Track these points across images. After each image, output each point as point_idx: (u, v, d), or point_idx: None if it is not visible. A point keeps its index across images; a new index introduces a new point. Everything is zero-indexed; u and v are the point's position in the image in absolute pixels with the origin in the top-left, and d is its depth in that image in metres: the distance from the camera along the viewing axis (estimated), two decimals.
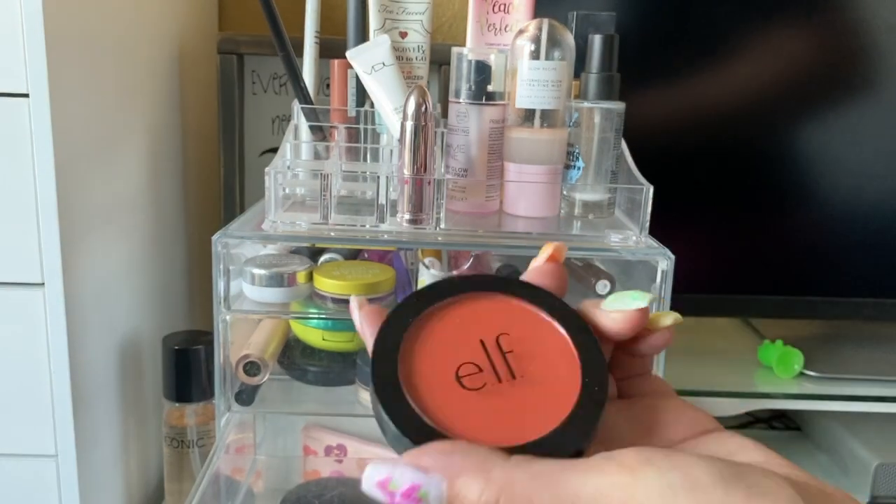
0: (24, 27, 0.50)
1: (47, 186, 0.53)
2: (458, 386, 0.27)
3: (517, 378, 0.27)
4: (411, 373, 0.27)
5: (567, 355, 0.28)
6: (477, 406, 0.26)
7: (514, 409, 0.27)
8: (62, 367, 0.56)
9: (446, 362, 0.28)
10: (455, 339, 0.28)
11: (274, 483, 0.73)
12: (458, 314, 0.29)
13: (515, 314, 0.29)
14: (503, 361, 0.28)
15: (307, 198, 0.66)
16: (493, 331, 0.29)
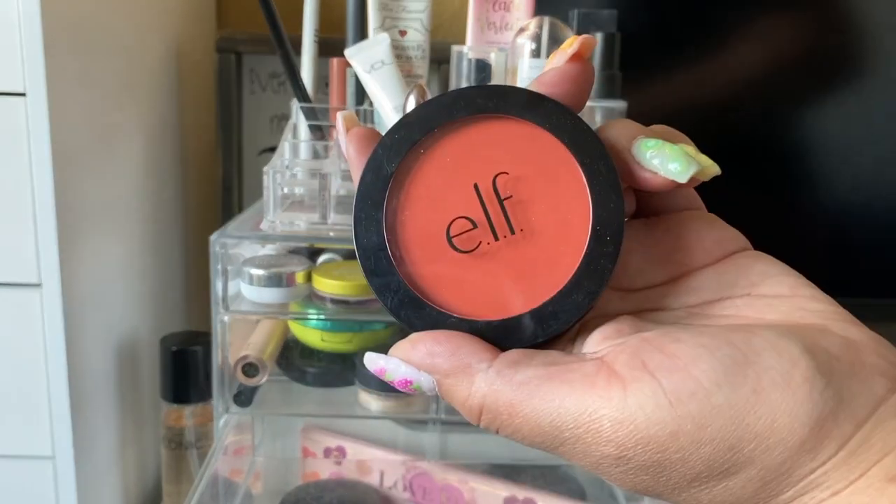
0: (20, 26, 0.50)
1: (44, 186, 0.53)
2: (450, 248, 0.24)
3: (516, 233, 0.24)
4: (398, 236, 0.25)
5: (577, 192, 0.24)
6: (470, 271, 0.24)
7: (511, 274, 0.24)
8: (59, 367, 0.56)
9: (436, 218, 0.25)
10: (446, 186, 0.25)
11: (272, 485, 0.73)
12: (450, 151, 0.25)
13: (519, 141, 0.25)
14: (500, 211, 0.24)
15: (306, 197, 0.66)
16: (490, 170, 0.24)
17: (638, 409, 0.21)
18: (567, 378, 0.22)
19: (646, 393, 0.21)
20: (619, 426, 0.21)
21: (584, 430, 0.22)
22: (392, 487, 0.71)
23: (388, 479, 0.71)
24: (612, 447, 0.22)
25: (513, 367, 0.23)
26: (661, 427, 0.21)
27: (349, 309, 0.61)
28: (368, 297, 0.61)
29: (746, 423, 0.21)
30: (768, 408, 0.21)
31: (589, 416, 0.22)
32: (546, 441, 0.23)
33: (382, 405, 0.63)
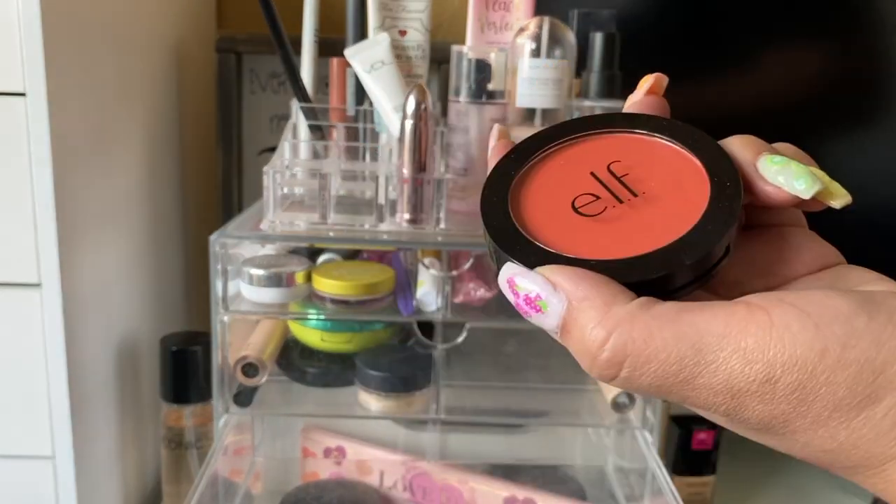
0: (21, 26, 0.50)
1: (44, 186, 0.53)
2: (578, 215, 0.25)
3: (638, 196, 0.25)
4: (524, 217, 0.26)
5: (688, 166, 0.26)
6: (600, 231, 0.25)
7: (641, 226, 0.25)
8: (59, 368, 0.56)
9: (560, 199, 0.26)
10: (564, 179, 0.27)
11: (272, 485, 0.73)
12: (562, 158, 0.27)
13: (623, 144, 0.27)
14: (620, 185, 0.26)
15: (306, 197, 0.66)
16: (602, 162, 0.27)
17: (784, 328, 0.21)
18: (708, 308, 0.22)
19: (791, 315, 0.22)
20: (767, 344, 0.21)
21: (731, 349, 0.21)
22: (392, 487, 0.71)
23: (388, 479, 0.71)
24: (759, 366, 0.21)
25: (652, 302, 0.23)
26: (807, 346, 0.21)
27: (349, 309, 0.61)
28: (368, 297, 0.61)
29: (890, 345, 0.21)
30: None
31: (735, 335, 0.22)
32: (683, 370, 0.22)
33: (382, 405, 0.63)
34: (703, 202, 0.25)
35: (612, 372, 0.23)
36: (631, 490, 0.70)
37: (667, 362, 0.22)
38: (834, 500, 0.81)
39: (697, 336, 0.22)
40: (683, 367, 0.22)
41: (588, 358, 0.23)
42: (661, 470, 0.61)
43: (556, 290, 0.23)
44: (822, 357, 0.21)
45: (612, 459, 0.75)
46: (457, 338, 0.64)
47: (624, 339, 0.22)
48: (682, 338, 0.22)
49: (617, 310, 0.23)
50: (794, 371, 0.21)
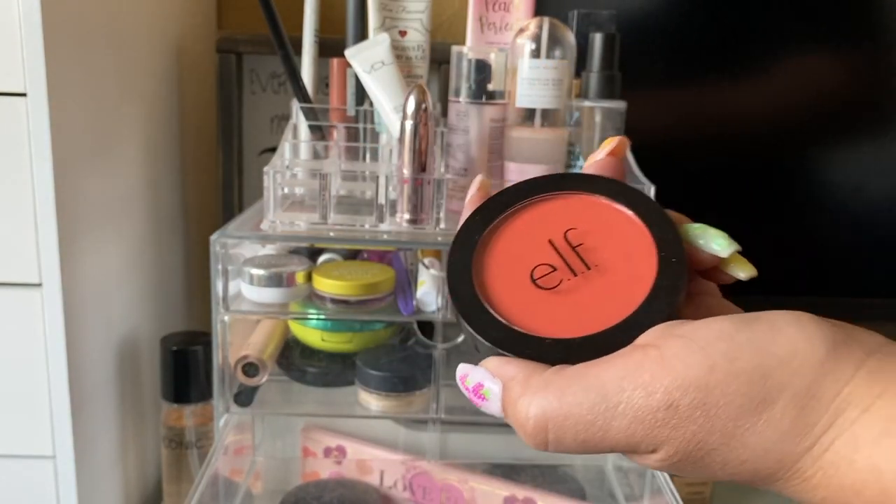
0: (21, 26, 0.50)
1: (45, 186, 0.53)
2: (535, 287, 0.28)
3: (591, 268, 0.28)
4: (487, 285, 0.28)
5: (638, 233, 0.28)
6: (555, 304, 0.27)
7: (592, 301, 0.27)
8: (60, 367, 0.56)
9: (520, 268, 0.28)
10: (524, 245, 0.29)
11: (273, 484, 0.73)
12: (523, 221, 0.30)
13: (580, 207, 0.29)
14: (575, 255, 0.28)
15: (306, 197, 0.66)
16: (560, 229, 0.29)
17: (674, 357, 0.24)
18: (610, 358, 0.25)
19: (679, 345, 0.24)
20: (662, 373, 0.24)
21: (632, 388, 0.24)
22: (392, 487, 0.71)
23: (388, 478, 0.71)
24: (659, 395, 0.24)
25: (564, 367, 0.26)
26: (697, 366, 0.23)
27: (349, 309, 0.61)
28: (368, 297, 0.61)
29: (771, 351, 0.23)
30: (786, 338, 0.24)
31: (632, 373, 0.24)
32: (598, 419, 0.24)
33: (382, 405, 0.63)
34: (651, 278, 0.27)
35: (542, 437, 0.26)
36: (630, 489, 0.70)
37: (580, 416, 0.25)
38: None
39: (600, 384, 0.24)
40: (597, 416, 0.24)
41: (521, 431, 0.26)
42: None
43: (493, 377, 0.27)
44: (712, 372, 0.23)
45: (611, 459, 0.75)
46: (457, 338, 0.64)
47: (542, 404, 0.25)
48: (589, 389, 0.25)
49: (534, 381, 0.26)
50: (691, 391, 0.23)
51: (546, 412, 0.25)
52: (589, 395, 0.24)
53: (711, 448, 0.24)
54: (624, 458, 0.72)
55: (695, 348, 0.24)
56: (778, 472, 0.24)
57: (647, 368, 0.24)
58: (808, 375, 0.23)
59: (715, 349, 0.24)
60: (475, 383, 0.28)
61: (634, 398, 0.24)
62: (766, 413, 0.23)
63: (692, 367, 0.23)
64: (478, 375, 0.28)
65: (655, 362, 0.24)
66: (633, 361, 0.24)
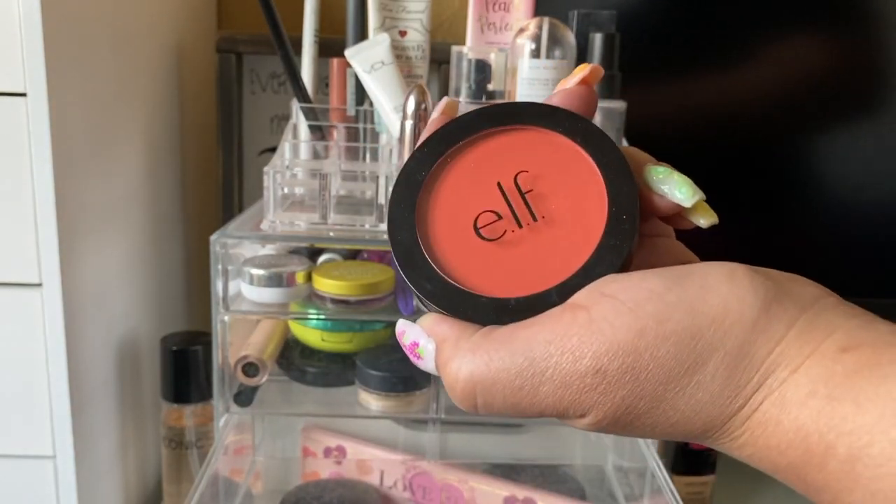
0: (21, 26, 0.50)
1: (45, 186, 0.53)
2: (478, 238, 0.26)
3: (538, 220, 0.26)
4: (429, 232, 0.27)
5: (593, 183, 0.26)
6: (496, 257, 0.26)
7: (536, 257, 0.26)
8: (60, 367, 0.56)
9: (464, 213, 0.27)
10: (471, 187, 0.27)
11: (273, 484, 0.73)
12: (473, 157, 0.27)
13: (535, 145, 0.27)
14: (523, 203, 0.26)
15: (306, 197, 0.66)
16: (511, 170, 0.27)
17: (602, 320, 0.23)
18: (538, 320, 0.25)
19: (607, 307, 0.23)
20: (590, 338, 0.23)
21: (560, 352, 0.23)
22: (392, 487, 0.71)
23: (388, 478, 0.71)
24: (587, 360, 0.23)
25: (492, 329, 0.25)
26: (626, 330, 0.23)
27: (349, 309, 0.61)
28: (368, 297, 0.61)
29: (702, 311, 0.23)
30: (718, 297, 0.23)
31: (560, 338, 0.24)
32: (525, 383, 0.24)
33: (382, 405, 0.63)
34: (598, 236, 0.25)
35: (471, 401, 0.25)
36: (630, 489, 0.70)
37: (507, 380, 0.24)
38: None
39: (528, 348, 0.24)
40: (525, 381, 0.24)
41: (451, 392, 0.26)
42: (661, 469, 0.61)
43: (428, 336, 0.27)
44: (642, 336, 0.23)
45: (611, 459, 0.75)
46: None
47: (470, 367, 0.25)
48: (516, 353, 0.24)
49: (463, 343, 0.25)
50: (619, 356, 0.23)
51: (474, 376, 0.25)
52: (516, 359, 0.24)
53: (640, 412, 0.23)
54: (624, 458, 0.72)
55: (624, 310, 0.23)
56: (707, 432, 0.24)
57: (575, 332, 0.23)
58: (740, 335, 0.23)
59: (644, 311, 0.23)
60: (411, 341, 0.27)
61: (562, 363, 0.23)
62: (697, 375, 0.23)
63: (620, 329, 0.23)
64: (414, 333, 0.27)
65: (583, 326, 0.23)
66: (562, 325, 0.24)
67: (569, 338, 0.23)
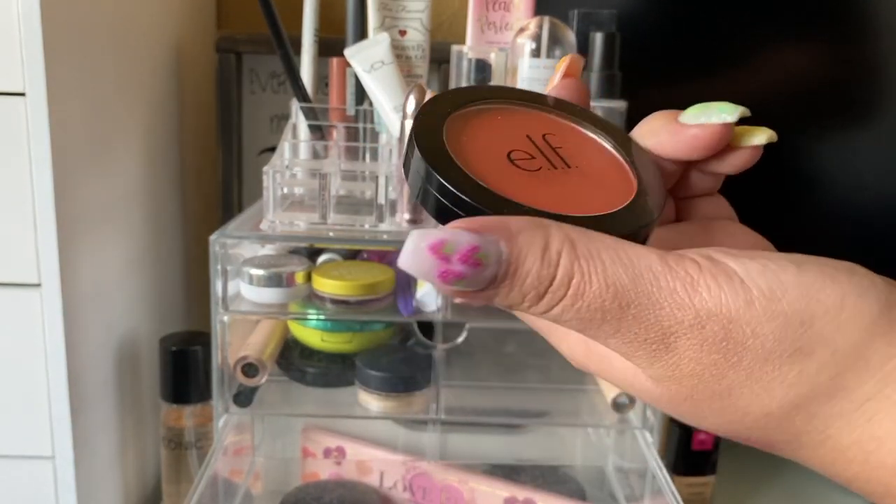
0: (20, 25, 0.50)
1: (44, 186, 0.53)
2: (512, 166, 0.24)
3: (572, 167, 0.25)
4: (460, 150, 0.24)
5: (618, 165, 0.26)
6: (533, 185, 0.24)
7: (573, 192, 0.24)
8: (59, 368, 0.56)
9: (496, 147, 0.25)
10: (500, 132, 0.26)
11: (272, 485, 0.73)
12: (498, 114, 0.27)
13: (555, 125, 0.27)
14: (554, 153, 0.25)
15: (306, 197, 0.66)
16: (538, 129, 0.26)
17: (711, 278, 0.21)
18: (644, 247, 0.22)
19: (718, 268, 0.21)
20: (694, 291, 0.21)
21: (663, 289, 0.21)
22: (392, 488, 0.71)
23: (387, 479, 0.71)
24: (687, 311, 0.21)
25: (589, 230, 0.22)
26: (733, 297, 0.21)
27: (349, 309, 0.61)
28: (368, 297, 0.61)
29: (817, 298, 0.21)
30: (837, 287, 0.21)
31: (667, 276, 0.21)
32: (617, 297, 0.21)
33: (382, 406, 0.63)
34: (632, 191, 0.25)
35: (560, 294, 0.21)
36: (631, 490, 0.70)
37: (604, 287, 0.21)
38: (833, 500, 0.81)
39: (633, 267, 0.21)
40: (617, 295, 0.21)
41: (544, 285, 0.21)
42: (661, 470, 0.61)
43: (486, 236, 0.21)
44: (748, 308, 0.21)
45: (612, 459, 0.75)
46: (457, 338, 0.64)
47: (571, 258, 0.21)
48: (619, 264, 0.21)
49: (556, 231, 0.21)
50: (720, 319, 0.21)
51: (572, 268, 0.21)
52: (617, 269, 0.21)
53: (732, 385, 0.21)
54: (624, 458, 0.72)
55: (735, 277, 0.21)
56: (805, 436, 0.21)
57: (682, 278, 0.21)
58: (855, 333, 0.21)
59: (755, 283, 0.21)
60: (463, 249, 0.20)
61: (662, 300, 0.21)
62: (800, 364, 0.21)
63: (727, 294, 0.21)
64: (463, 237, 0.20)
65: (692, 276, 0.21)
66: (672, 261, 0.21)
67: (675, 279, 0.21)
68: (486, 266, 0.20)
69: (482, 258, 0.20)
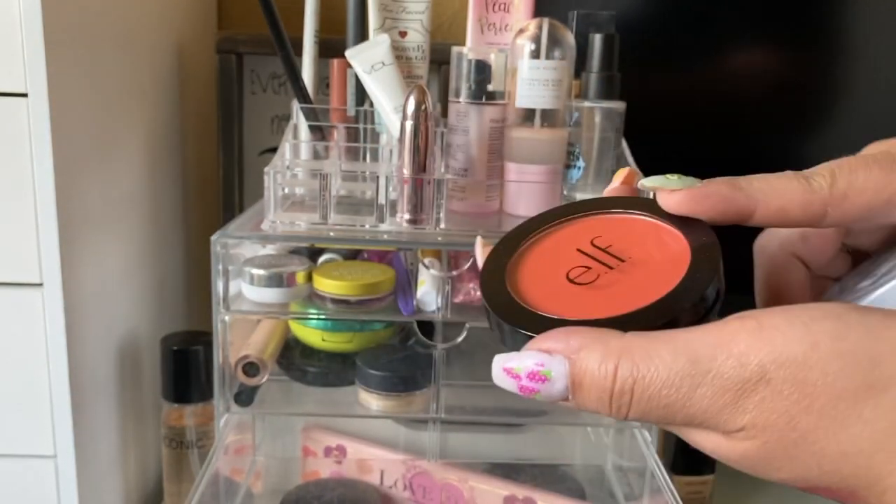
0: (22, 26, 0.50)
1: (46, 186, 0.53)
2: (573, 285, 0.27)
3: (626, 261, 0.27)
4: (523, 292, 0.27)
5: (666, 234, 0.28)
6: (594, 297, 0.26)
7: (634, 287, 0.26)
8: (61, 367, 0.56)
9: (554, 274, 0.28)
10: (554, 260, 0.28)
11: (273, 484, 0.73)
12: (547, 244, 0.29)
13: (599, 224, 0.29)
14: (606, 254, 0.28)
15: (306, 198, 0.66)
16: (586, 238, 0.29)
17: (773, 329, 0.22)
18: (701, 326, 0.23)
19: (780, 317, 0.22)
20: (758, 344, 0.21)
21: (725, 356, 0.22)
22: (392, 487, 0.71)
23: (388, 478, 0.71)
24: (753, 367, 0.21)
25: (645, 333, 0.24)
26: (798, 341, 0.21)
27: (349, 309, 0.61)
28: (369, 297, 0.61)
29: (884, 336, 0.21)
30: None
31: (727, 343, 0.22)
32: (684, 384, 0.22)
33: (382, 405, 0.63)
34: (686, 258, 0.26)
35: (626, 400, 0.23)
36: (630, 489, 0.70)
37: (668, 379, 0.22)
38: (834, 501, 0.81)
39: (692, 350, 0.22)
40: (683, 381, 0.22)
41: (605, 396, 0.23)
42: (661, 469, 0.62)
43: (552, 355, 0.24)
44: (814, 349, 0.21)
45: (611, 458, 0.75)
46: (457, 338, 0.64)
47: (629, 365, 0.23)
48: (679, 353, 0.22)
49: (615, 343, 0.23)
50: (787, 366, 0.21)
51: (633, 373, 0.22)
52: (678, 359, 0.22)
53: (806, 430, 0.21)
54: (623, 457, 0.72)
55: (797, 323, 0.21)
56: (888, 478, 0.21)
57: (743, 339, 0.22)
58: None
59: (820, 326, 0.21)
60: (529, 368, 0.24)
61: (726, 367, 0.22)
62: (874, 399, 0.21)
63: (792, 340, 0.21)
64: (529, 357, 0.24)
65: (752, 332, 0.22)
66: (729, 329, 0.22)
67: (736, 343, 0.22)
68: (554, 381, 0.24)
69: (547, 374, 0.24)
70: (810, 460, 0.22)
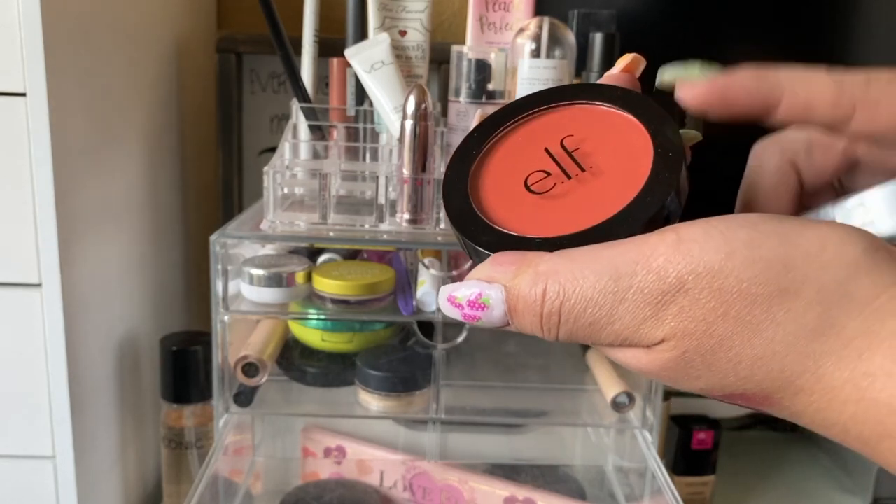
0: (21, 26, 0.50)
1: (45, 186, 0.53)
2: (530, 193, 0.27)
3: (586, 170, 0.27)
4: (482, 196, 0.28)
5: (639, 139, 0.27)
6: (549, 208, 0.27)
7: (586, 201, 0.26)
8: (60, 367, 0.56)
9: (515, 177, 0.28)
10: (520, 156, 0.28)
11: (272, 485, 0.73)
12: (520, 134, 0.29)
13: (578, 116, 0.29)
14: (570, 159, 0.28)
15: (306, 197, 0.66)
16: (557, 137, 0.28)
17: (691, 241, 0.22)
18: (624, 241, 0.23)
19: (697, 230, 0.22)
20: (676, 257, 0.22)
21: (645, 272, 0.22)
22: (392, 487, 0.71)
23: (388, 478, 0.71)
24: (672, 280, 0.22)
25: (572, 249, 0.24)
26: (714, 251, 0.22)
27: (349, 309, 0.61)
28: (368, 297, 0.61)
29: (797, 242, 0.22)
30: (816, 233, 0.22)
31: (646, 258, 0.22)
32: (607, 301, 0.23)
33: (382, 405, 0.63)
34: (646, 174, 0.26)
35: (555, 321, 0.24)
36: (631, 490, 0.70)
37: (592, 298, 0.23)
38: (833, 500, 0.81)
39: (614, 267, 0.23)
40: (606, 299, 0.23)
41: (537, 319, 0.24)
42: (661, 470, 0.61)
43: (491, 283, 0.25)
44: (729, 258, 0.22)
45: (611, 459, 0.75)
46: (457, 338, 0.64)
47: (556, 287, 0.23)
48: (602, 272, 0.23)
49: (543, 266, 0.24)
50: (704, 276, 0.22)
51: (560, 295, 0.23)
52: (601, 278, 0.23)
53: (723, 336, 0.22)
54: (624, 458, 0.72)
55: (714, 233, 0.22)
56: (798, 379, 0.21)
57: (662, 252, 0.22)
58: (840, 271, 0.21)
59: (735, 235, 0.22)
60: (471, 295, 0.25)
61: (646, 282, 0.22)
62: (787, 304, 0.21)
63: (708, 251, 0.22)
64: (470, 287, 0.25)
65: (671, 246, 0.22)
66: (649, 244, 0.23)
67: (655, 257, 0.22)
68: (493, 308, 0.25)
69: (486, 302, 0.25)
70: (727, 366, 0.22)
